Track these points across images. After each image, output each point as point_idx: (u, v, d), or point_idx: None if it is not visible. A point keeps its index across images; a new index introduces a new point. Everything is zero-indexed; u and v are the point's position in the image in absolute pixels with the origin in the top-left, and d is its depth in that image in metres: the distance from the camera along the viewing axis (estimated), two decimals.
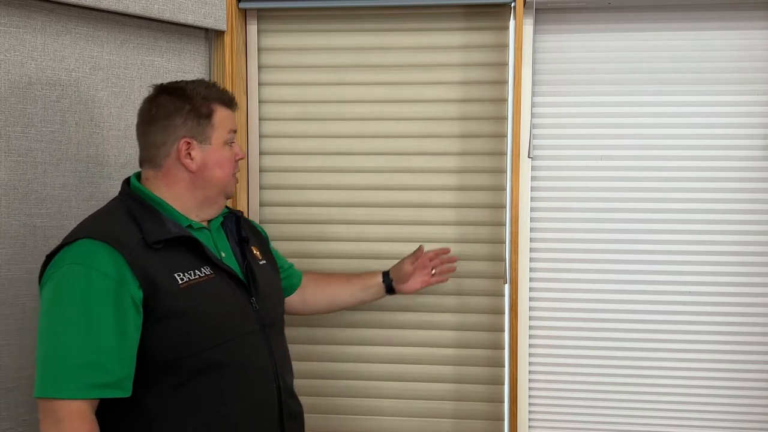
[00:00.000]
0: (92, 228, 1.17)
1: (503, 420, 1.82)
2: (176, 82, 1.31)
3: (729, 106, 1.74)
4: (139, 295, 1.13)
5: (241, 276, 1.29)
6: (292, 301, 1.62)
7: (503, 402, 1.82)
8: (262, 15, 1.85)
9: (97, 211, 1.25)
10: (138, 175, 1.30)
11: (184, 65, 1.72)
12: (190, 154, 1.25)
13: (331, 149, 1.85)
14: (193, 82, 1.30)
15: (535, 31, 1.76)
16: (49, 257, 1.17)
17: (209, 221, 1.33)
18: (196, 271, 1.21)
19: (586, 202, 1.79)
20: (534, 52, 1.76)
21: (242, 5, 1.78)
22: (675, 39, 1.75)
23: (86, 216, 1.49)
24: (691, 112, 1.75)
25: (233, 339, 1.23)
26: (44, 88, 1.48)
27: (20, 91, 1.44)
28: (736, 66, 1.74)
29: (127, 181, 1.29)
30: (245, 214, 1.80)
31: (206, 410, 1.19)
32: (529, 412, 1.83)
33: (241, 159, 1.36)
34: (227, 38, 1.74)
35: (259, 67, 1.85)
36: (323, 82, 1.84)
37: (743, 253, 1.75)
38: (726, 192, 1.75)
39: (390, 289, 1.67)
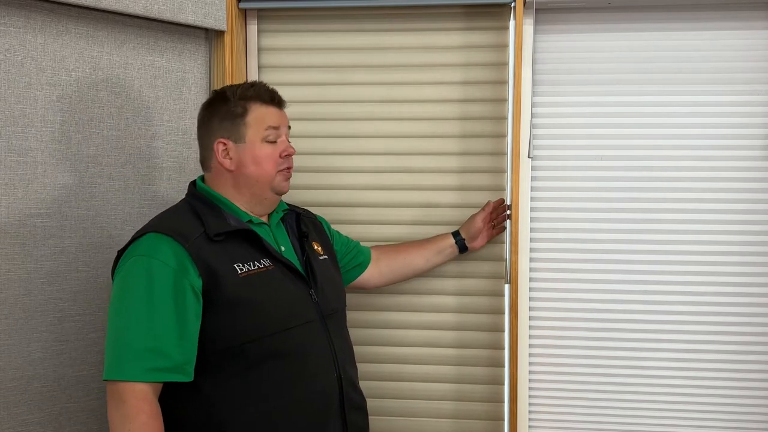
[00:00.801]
0: (157, 224, 1.26)
1: (503, 420, 1.82)
2: (226, 86, 1.39)
3: (729, 106, 1.74)
4: (198, 283, 1.20)
5: (300, 268, 1.34)
6: (369, 275, 1.67)
7: (503, 402, 1.82)
8: (262, 15, 1.85)
9: (165, 210, 1.34)
10: (203, 178, 1.39)
11: (184, 65, 1.72)
12: (228, 153, 1.32)
13: (331, 149, 1.85)
14: (239, 84, 1.37)
15: (535, 31, 1.76)
16: (120, 252, 1.26)
17: (269, 217, 1.39)
18: (256, 262, 1.27)
19: (586, 202, 1.79)
20: (534, 52, 1.76)
21: (242, 5, 1.78)
22: (675, 39, 1.75)
23: (87, 216, 1.52)
24: (691, 112, 1.75)
25: (293, 328, 1.27)
26: (44, 88, 1.48)
27: (20, 91, 1.44)
28: (736, 66, 1.73)
29: (193, 183, 1.38)
30: None
31: (266, 398, 1.22)
32: (529, 412, 1.83)
33: (288, 155, 1.36)
34: (227, 38, 1.74)
35: (259, 67, 1.85)
36: (323, 82, 1.84)
37: (743, 253, 1.75)
38: (726, 192, 1.75)
39: (463, 249, 1.72)
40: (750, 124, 1.73)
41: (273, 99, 1.36)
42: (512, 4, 1.72)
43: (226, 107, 1.33)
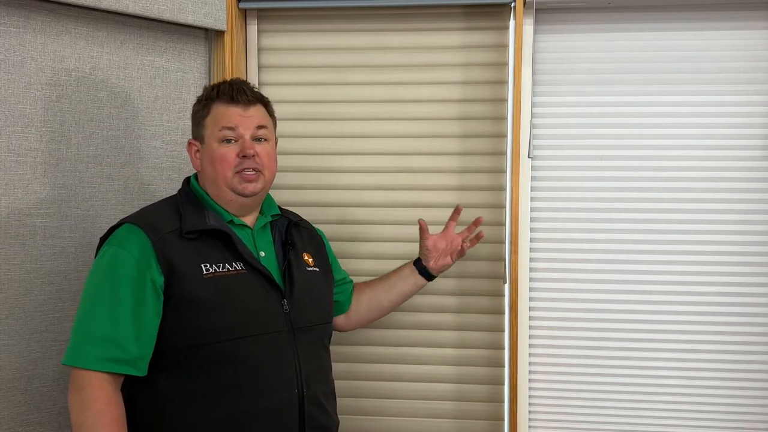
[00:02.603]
0: (137, 215, 1.27)
1: (503, 420, 1.82)
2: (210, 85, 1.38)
3: (729, 106, 1.74)
4: (160, 280, 1.19)
5: (276, 277, 1.30)
6: (348, 319, 1.60)
7: (503, 402, 1.82)
8: (262, 15, 1.85)
9: (150, 204, 1.34)
10: (197, 175, 1.38)
11: (184, 65, 1.72)
12: (197, 154, 1.33)
13: (330, 149, 1.85)
14: (215, 84, 1.35)
15: (535, 31, 1.76)
16: (102, 239, 1.27)
17: (257, 219, 1.36)
18: (227, 264, 1.24)
19: (585, 202, 1.79)
20: (534, 52, 1.76)
21: (242, 5, 1.78)
22: (675, 39, 1.75)
23: (87, 216, 1.53)
24: (691, 112, 1.75)
25: (253, 336, 1.23)
26: (44, 88, 1.48)
27: (20, 91, 1.44)
28: (736, 66, 1.73)
29: (187, 179, 1.37)
30: None
31: (217, 404, 1.20)
32: (529, 412, 1.83)
33: (245, 156, 1.29)
34: (227, 38, 1.74)
35: (259, 67, 1.85)
36: (323, 82, 1.84)
37: (743, 253, 1.75)
38: (726, 192, 1.75)
39: (424, 272, 1.58)
40: (750, 124, 1.73)
41: (233, 98, 1.30)
42: (512, 4, 1.72)
43: (196, 108, 1.34)
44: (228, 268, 1.24)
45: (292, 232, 1.41)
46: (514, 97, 1.71)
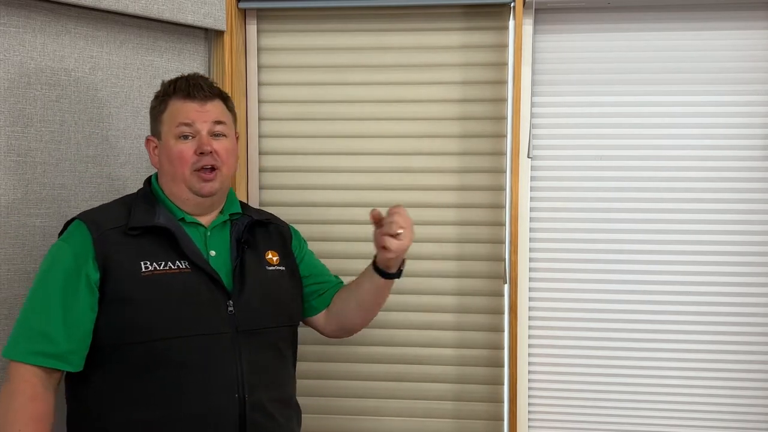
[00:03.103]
0: (88, 211, 1.27)
1: (503, 420, 1.82)
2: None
3: (729, 106, 1.74)
4: (95, 275, 1.19)
5: (223, 277, 1.25)
6: (317, 321, 1.47)
7: (503, 402, 1.82)
8: (262, 15, 1.85)
9: (110, 201, 1.33)
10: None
11: (184, 65, 1.72)
12: (155, 151, 1.31)
13: (330, 149, 1.85)
14: (175, 78, 1.32)
15: (535, 31, 1.76)
16: (59, 235, 1.28)
17: (216, 217, 1.33)
18: (170, 263, 1.22)
19: (585, 202, 1.79)
20: (533, 52, 1.76)
21: (242, 5, 1.78)
22: (675, 39, 1.75)
23: None
24: (690, 112, 1.75)
25: (189, 337, 1.19)
26: (44, 88, 1.48)
27: (20, 91, 1.44)
28: (736, 66, 1.73)
29: (149, 178, 1.36)
30: None
31: (149, 405, 1.17)
32: (529, 412, 1.83)
33: (202, 153, 1.25)
34: (227, 38, 1.74)
35: (258, 67, 1.85)
36: (323, 82, 1.84)
37: (743, 253, 1.75)
38: (726, 192, 1.75)
39: (377, 268, 1.36)
40: (750, 124, 1.73)
41: (190, 93, 1.26)
42: (512, 4, 1.72)
43: (153, 104, 1.32)
44: (170, 267, 1.21)
45: (255, 230, 1.36)
46: (514, 97, 1.71)
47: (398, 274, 1.37)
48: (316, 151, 1.85)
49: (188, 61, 1.73)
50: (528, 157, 1.76)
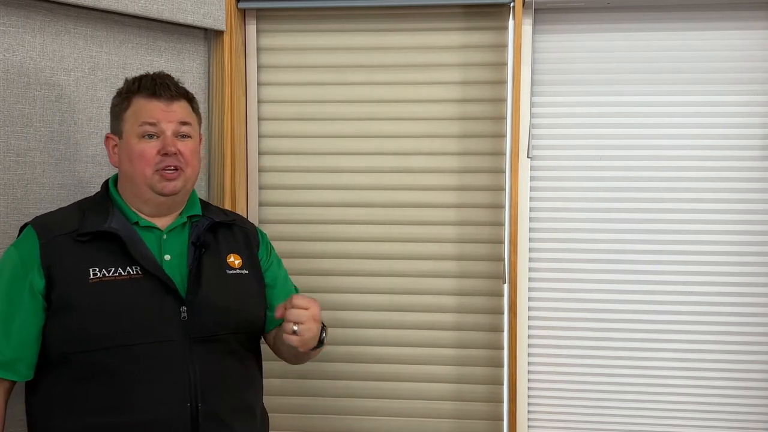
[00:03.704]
0: (42, 215, 1.25)
1: (502, 420, 1.82)
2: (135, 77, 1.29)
3: (729, 106, 1.73)
4: (40, 283, 1.16)
5: (178, 282, 1.21)
6: (269, 336, 1.39)
7: (502, 402, 1.82)
8: (261, 15, 1.85)
9: (69, 204, 1.31)
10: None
11: (183, 65, 1.72)
12: (115, 150, 1.27)
13: (330, 149, 1.85)
14: (138, 76, 1.27)
15: (534, 31, 1.76)
16: None
17: (175, 220, 1.28)
18: (119, 269, 1.18)
19: (585, 202, 1.79)
20: (533, 52, 1.76)
21: (241, 5, 1.78)
22: (674, 39, 1.75)
23: None
24: (690, 112, 1.75)
25: (133, 345, 1.15)
26: (43, 88, 1.48)
27: (19, 91, 1.44)
28: (736, 66, 1.73)
29: (106, 181, 1.32)
30: (245, 215, 1.81)
31: (99, 413, 1.15)
32: (528, 412, 1.83)
33: (166, 154, 1.22)
34: (226, 38, 1.74)
35: (258, 67, 1.85)
36: (322, 82, 1.84)
37: (743, 253, 1.75)
38: (726, 192, 1.74)
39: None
40: (750, 124, 1.73)
41: (155, 92, 1.23)
42: (511, 4, 1.72)
43: (115, 101, 1.27)
44: (120, 273, 1.17)
45: (217, 232, 1.31)
46: (514, 97, 1.70)
47: (319, 344, 1.25)
48: (316, 151, 1.85)
49: (188, 61, 1.73)
50: (527, 157, 1.76)
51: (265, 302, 1.36)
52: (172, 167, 1.22)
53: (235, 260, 1.31)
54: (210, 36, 1.77)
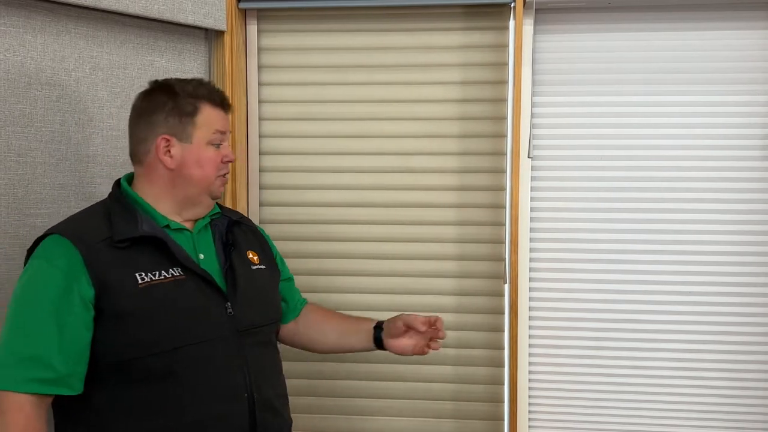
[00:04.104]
0: (64, 225, 1.20)
1: (503, 420, 1.82)
2: (171, 78, 1.30)
3: (729, 106, 1.74)
4: (89, 293, 1.13)
5: (217, 280, 1.24)
6: (286, 330, 1.50)
7: (503, 402, 1.82)
8: (262, 15, 1.85)
9: (81, 210, 1.27)
10: (130, 176, 1.31)
11: (184, 65, 1.72)
12: (169, 151, 1.24)
13: (331, 149, 1.85)
14: (186, 79, 1.29)
15: (535, 31, 1.76)
16: (29, 251, 1.20)
17: (196, 221, 1.30)
18: (163, 271, 1.18)
19: (585, 202, 1.79)
20: (534, 52, 1.76)
21: (242, 5, 1.78)
22: (675, 39, 1.75)
23: None
24: (691, 112, 1.75)
25: (189, 345, 1.17)
26: (44, 88, 1.48)
27: (20, 91, 1.44)
28: (736, 66, 1.73)
29: (117, 182, 1.30)
30: (246, 214, 1.81)
31: (154, 418, 1.15)
32: (529, 412, 1.83)
33: (229, 161, 1.30)
34: (227, 38, 1.74)
35: (258, 67, 1.85)
36: (323, 82, 1.84)
37: (743, 252, 1.75)
38: (726, 192, 1.75)
39: (379, 341, 1.46)
40: (750, 124, 1.73)
41: (223, 102, 1.29)
42: (512, 4, 1.72)
43: (173, 102, 1.24)
44: (165, 276, 1.18)
45: (234, 230, 1.35)
46: (514, 97, 1.71)
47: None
48: (316, 150, 1.85)
49: (188, 61, 1.73)
50: (528, 157, 1.76)
51: (279, 295, 1.43)
52: (226, 173, 1.31)
53: (253, 257, 1.36)
54: (211, 36, 1.77)
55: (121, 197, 1.26)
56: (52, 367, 1.09)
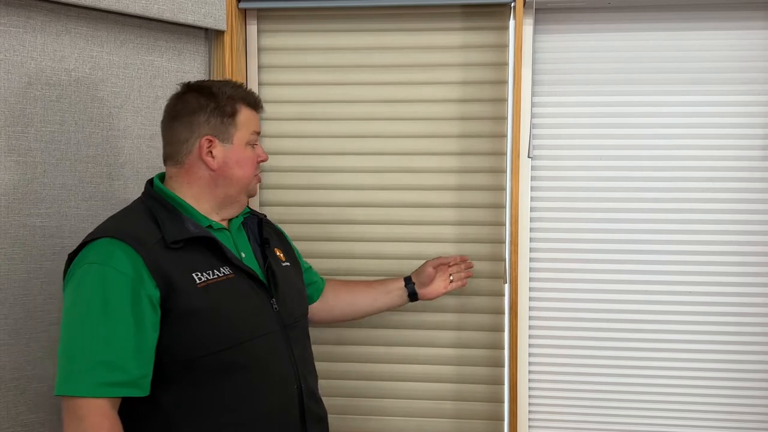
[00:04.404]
0: (112, 227, 1.19)
1: (503, 420, 1.82)
2: (204, 81, 1.33)
3: (729, 106, 1.74)
4: (156, 294, 1.14)
5: (261, 276, 1.29)
6: (317, 308, 1.60)
7: (503, 402, 1.82)
8: (262, 15, 1.85)
9: (119, 212, 1.27)
10: (161, 176, 1.32)
11: (184, 65, 1.72)
12: (211, 152, 1.27)
13: (331, 149, 1.85)
14: (220, 81, 1.33)
15: (535, 31, 1.76)
16: (71, 256, 1.19)
17: (229, 221, 1.34)
18: (215, 270, 1.22)
19: (585, 202, 1.79)
20: (534, 52, 1.76)
21: (242, 5, 1.78)
22: (675, 39, 1.75)
23: (86, 216, 1.49)
24: (691, 112, 1.75)
25: (251, 339, 1.23)
26: (44, 88, 1.48)
27: (20, 91, 1.44)
28: (736, 66, 1.73)
29: (150, 182, 1.30)
30: None
31: (225, 411, 1.19)
32: (529, 412, 1.83)
33: (263, 161, 1.35)
34: (227, 38, 1.74)
35: (258, 67, 1.85)
36: (323, 82, 1.84)
37: (744, 252, 1.75)
38: (726, 192, 1.75)
39: (413, 295, 1.65)
40: (750, 124, 1.73)
41: (257, 103, 1.34)
42: (512, 4, 1.72)
43: (215, 103, 1.27)
44: (218, 275, 1.21)
45: (264, 229, 1.40)
46: (514, 96, 1.70)
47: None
48: (317, 151, 1.85)
49: (188, 61, 1.73)
50: (528, 157, 1.76)
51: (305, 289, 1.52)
52: (261, 172, 1.38)
53: (280, 254, 1.43)
54: (211, 36, 1.77)
55: (159, 197, 1.26)
56: (125, 371, 1.11)
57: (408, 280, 1.66)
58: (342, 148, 1.84)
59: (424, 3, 1.75)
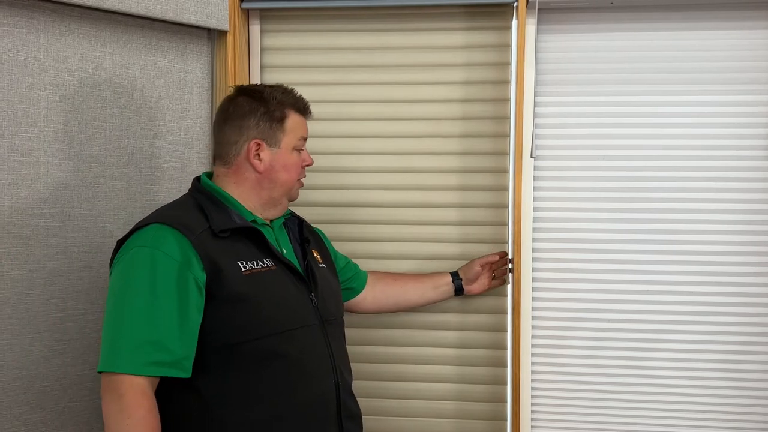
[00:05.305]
0: (162, 215, 1.24)
1: (506, 420, 1.82)
2: (256, 84, 1.39)
3: (731, 106, 1.73)
4: (202, 277, 1.18)
5: (301, 271, 1.33)
6: (362, 299, 1.66)
7: (506, 402, 1.82)
8: (265, 15, 1.85)
9: (168, 204, 1.33)
10: (209, 174, 1.37)
11: (187, 65, 1.72)
12: (259, 155, 1.31)
13: (333, 149, 1.85)
14: (272, 86, 1.37)
15: (538, 31, 1.76)
16: (120, 242, 1.24)
17: (271, 221, 1.38)
18: (259, 261, 1.25)
19: (588, 202, 1.78)
20: (537, 51, 1.76)
21: (245, 5, 1.78)
22: (677, 39, 1.75)
23: (89, 216, 1.50)
24: (693, 112, 1.75)
25: (293, 330, 1.25)
26: (47, 88, 1.48)
27: (23, 91, 1.45)
28: (738, 66, 1.73)
29: (197, 179, 1.36)
30: None
31: (264, 400, 1.21)
32: (532, 412, 1.83)
33: (309, 165, 1.40)
34: (230, 38, 1.75)
35: (261, 67, 1.85)
36: (326, 82, 1.84)
37: (745, 252, 1.74)
38: (727, 192, 1.74)
39: (459, 290, 1.72)
40: (750, 124, 1.73)
41: (306, 109, 1.39)
42: (515, 4, 1.72)
43: (265, 108, 1.32)
44: (261, 265, 1.25)
45: (305, 229, 1.45)
46: (517, 96, 1.70)
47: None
48: (319, 150, 1.84)
49: (191, 61, 1.73)
50: (531, 157, 1.75)
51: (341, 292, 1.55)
52: (304, 177, 1.42)
53: (317, 256, 1.46)
54: (213, 36, 1.77)
55: (207, 192, 1.32)
56: (169, 350, 1.14)
57: (455, 276, 1.72)
58: (344, 148, 1.84)
59: (426, 3, 1.75)
